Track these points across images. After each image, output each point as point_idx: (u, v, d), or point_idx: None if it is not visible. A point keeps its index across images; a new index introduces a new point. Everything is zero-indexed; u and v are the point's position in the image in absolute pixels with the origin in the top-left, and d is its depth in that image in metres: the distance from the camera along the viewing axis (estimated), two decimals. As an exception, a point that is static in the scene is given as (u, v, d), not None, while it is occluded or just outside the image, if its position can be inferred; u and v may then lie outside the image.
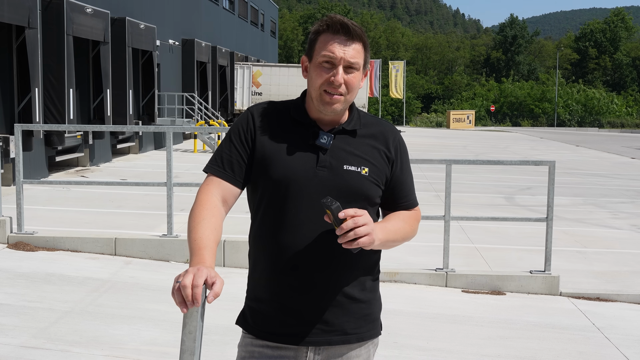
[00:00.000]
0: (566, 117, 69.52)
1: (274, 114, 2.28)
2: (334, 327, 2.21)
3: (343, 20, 2.17)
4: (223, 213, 2.19)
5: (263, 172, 2.20)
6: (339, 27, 2.17)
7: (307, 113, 2.26)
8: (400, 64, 52.30)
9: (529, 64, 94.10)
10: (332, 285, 2.19)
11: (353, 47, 2.17)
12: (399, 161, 2.31)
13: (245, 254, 7.65)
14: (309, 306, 2.19)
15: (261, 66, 33.00)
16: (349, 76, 2.18)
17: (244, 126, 2.26)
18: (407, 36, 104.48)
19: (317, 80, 2.18)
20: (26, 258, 7.50)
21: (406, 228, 2.29)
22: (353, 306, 2.24)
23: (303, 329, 2.20)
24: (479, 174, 17.97)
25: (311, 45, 2.23)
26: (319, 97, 2.19)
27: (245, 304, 2.32)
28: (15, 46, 13.87)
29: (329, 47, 2.16)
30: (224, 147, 2.25)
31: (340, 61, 2.16)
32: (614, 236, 10.50)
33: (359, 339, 2.26)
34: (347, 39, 2.17)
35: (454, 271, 7.43)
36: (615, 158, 26.77)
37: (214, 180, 2.22)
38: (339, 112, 2.23)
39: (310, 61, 2.23)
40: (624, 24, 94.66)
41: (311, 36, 2.24)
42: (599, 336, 5.96)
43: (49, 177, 15.29)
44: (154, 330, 5.49)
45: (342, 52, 2.16)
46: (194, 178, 14.86)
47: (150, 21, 22.03)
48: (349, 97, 2.20)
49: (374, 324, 2.31)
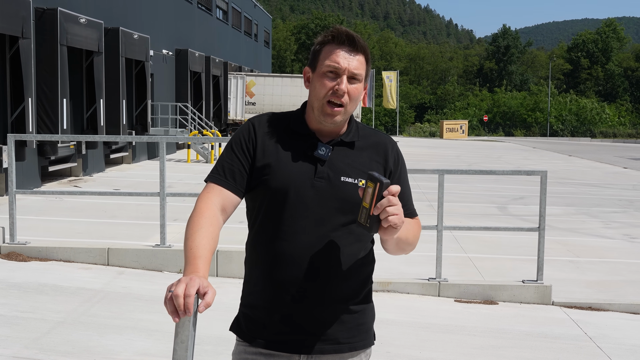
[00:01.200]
0: (559, 127, 69.81)
1: (274, 124, 2.30)
2: (327, 336, 2.23)
3: (348, 32, 2.21)
4: (221, 222, 2.20)
5: (262, 182, 2.23)
6: (344, 38, 2.20)
7: (306, 124, 2.29)
8: (393, 74, 52.44)
9: (522, 74, 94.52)
10: (327, 295, 2.21)
11: (357, 59, 2.20)
12: (397, 173, 2.34)
13: (238, 264, 7.65)
14: (302, 315, 2.21)
15: (255, 76, 33.03)
16: (351, 87, 2.20)
17: (245, 136, 2.28)
18: (401, 46, 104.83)
19: (321, 90, 2.21)
20: (19, 268, 7.48)
21: (415, 232, 2.32)
22: (346, 316, 2.25)
23: (296, 337, 2.22)
24: (472, 184, 18.01)
25: (315, 56, 2.25)
26: (321, 107, 2.21)
27: (239, 310, 2.34)
28: (9, 56, 13.86)
29: (334, 57, 2.19)
30: (225, 157, 2.28)
31: (344, 71, 2.19)
32: (607, 246, 10.53)
33: (351, 348, 2.28)
34: (351, 50, 2.20)
35: (447, 281, 7.44)
36: (607, 168, 26.88)
37: (215, 188, 2.24)
38: (339, 124, 2.25)
39: (314, 72, 2.25)
40: (615, 34, 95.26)
41: (315, 47, 2.26)
42: (591, 345, 5.98)
43: (41, 187, 15.25)
44: (146, 340, 5.48)
45: (347, 63, 2.19)
46: (187, 188, 14.85)
47: (143, 31, 22.05)
48: (349, 108, 2.23)
49: (367, 333, 2.33)
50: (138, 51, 21.08)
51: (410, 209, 2.36)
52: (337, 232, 2.20)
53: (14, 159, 8.06)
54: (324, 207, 2.19)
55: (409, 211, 2.36)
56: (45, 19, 15.10)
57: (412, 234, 2.28)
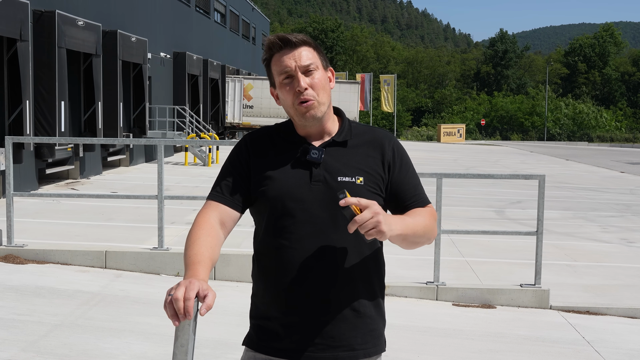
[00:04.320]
0: (556, 131, 69.90)
1: (266, 137, 2.32)
2: (341, 342, 2.21)
3: (279, 35, 2.22)
4: (220, 235, 2.20)
5: (260, 194, 2.23)
6: (279, 43, 2.21)
7: (295, 131, 2.29)
8: (391, 78, 52.50)
9: (519, 79, 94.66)
10: (338, 300, 2.19)
11: (300, 52, 2.21)
12: (398, 163, 2.30)
13: (235, 267, 7.65)
14: (315, 322, 2.19)
15: (252, 79, 33.06)
16: (311, 79, 2.20)
17: (239, 153, 2.31)
18: (398, 50, 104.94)
19: (287, 98, 2.22)
20: (16, 271, 7.47)
21: (426, 222, 2.23)
22: (359, 321, 2.23)
23: (310, 345, 2.19)
24: (470, 188, 18.02)
25: (269, 74, 2.28)
26: (296, 112, 2.22)
27: (250, 324, 2.31)
28: (6, 58, 13.86)
29: (280, 64, 2.21)
30: (222, 175, 2.30)
31: (296, 70, 2.19)
32: (604, 250, 10.54)
33: (366, 354, 2.25)
34: (291, 48, 2.21)
35: (445, 285, 7.44)
36: (604, 172, 26.91)
37: (212, 204, 2.26)
38: (321, 118, 2.24)
39: (275, 87, 2.27)
40: (613, 39, 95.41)
41: (266, 68, 2.29)
42: (588, 350, 5.98)
43: (39, 189, 15.23)
44: (144, 343, 5.46)
45: (293, 62, 2.19)
46: (185, 191, 14.85)
47: (141, 34, 22.06)
48: (321, 99, 2.21)
49: (380, 339, 2.30)
50: (136, 54, 21.08)
51: (419, 198, 2.30)
52: (341, 234, 2.17)
53: (11, 161, 8.05)
54: (325, 209, 2.18)
55: (418, 200, 2.30)
56: (43, 22, 15.10)
57: (422, 227, 2.21)
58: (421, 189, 2.34)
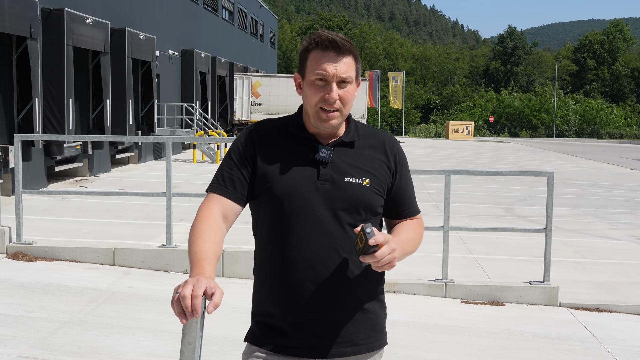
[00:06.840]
0: (564, 128, 69.66)
1: (272, 131, 2.30)
2: (344, 338, 2.23)
3: (331, 36, 2.19)
4: (223, 228, 2.20)
5: (265, 189, 2.22)
6: (328, 44, 2.18)
7: (305, 128, 2.28)
8: (399, 75, 52.42)
9: (528, 75, 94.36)
10: (341, 297, 2.21)
11: (344, 62, 2.19)
12: (399, 170, 2.33)
13: (244, 264, 7.65)
14: (319, 318, 2.20)
15: (260, 77, 33.06)
16: (342, 91, 2.20)
17: (243, 144, 2.28)
18: (406, 47, 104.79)
19: (312, 98, 2.20)
20: (25, 268, 7.50)
21: (416, 238, 2.34)
22: (361, 316, 2.26)
23: (314, 341, 2.21)
24: (478, 185, 17.98)
25: (302, 63, 2.24)
26: (316, 114, 2.21)
27: (253, 321, 2.31)
28: (16, 56, 13.90)
29: (321, 65, 2.18)
30: (224, 166, 2.28)
31: (333, 78, 2.18)
32: (613, 247, 10.50)
33: (369, 349, 2.29)
34: (337, 54, 2.18)
35: (453, 282, 7.42)
36: (614, 169, 26.79)
37: (215, 197, 2.24)
38: (337, 127, 2.25)
39: (303, 79, 2.24)
40: (622, 35, 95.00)
41: (301, 54, 2.26)
42: (598, 347, 5.95)
43: (48, 187, 15.28)
44: (152, 340, 5.48)
45: (334, 69, 2.17)
46: (193, 188, 14.87)
47: (150, 32, 22.09)
48: (344, 111, 2.23)
49: (382, 333, 2.35)
50: (144, 51, 21.11)
51: (412, 207, 2.38)
52: (345, 233, 2.20)
53: (20, 158, 8.07)
54: (331, 209, 2.19)
55: (411, 209, 2.37)
56: (51, 20, 15.13)
57: (414, 244, 2.31)
58: (414, 197, 2.41)
